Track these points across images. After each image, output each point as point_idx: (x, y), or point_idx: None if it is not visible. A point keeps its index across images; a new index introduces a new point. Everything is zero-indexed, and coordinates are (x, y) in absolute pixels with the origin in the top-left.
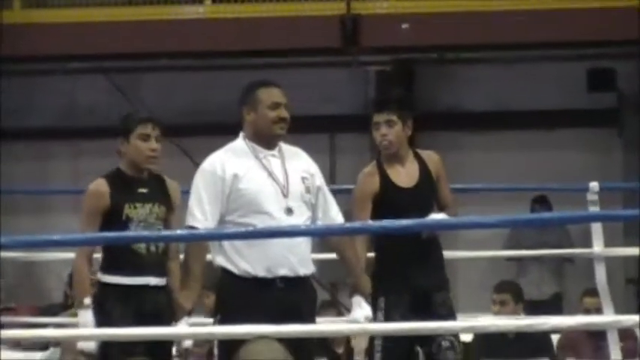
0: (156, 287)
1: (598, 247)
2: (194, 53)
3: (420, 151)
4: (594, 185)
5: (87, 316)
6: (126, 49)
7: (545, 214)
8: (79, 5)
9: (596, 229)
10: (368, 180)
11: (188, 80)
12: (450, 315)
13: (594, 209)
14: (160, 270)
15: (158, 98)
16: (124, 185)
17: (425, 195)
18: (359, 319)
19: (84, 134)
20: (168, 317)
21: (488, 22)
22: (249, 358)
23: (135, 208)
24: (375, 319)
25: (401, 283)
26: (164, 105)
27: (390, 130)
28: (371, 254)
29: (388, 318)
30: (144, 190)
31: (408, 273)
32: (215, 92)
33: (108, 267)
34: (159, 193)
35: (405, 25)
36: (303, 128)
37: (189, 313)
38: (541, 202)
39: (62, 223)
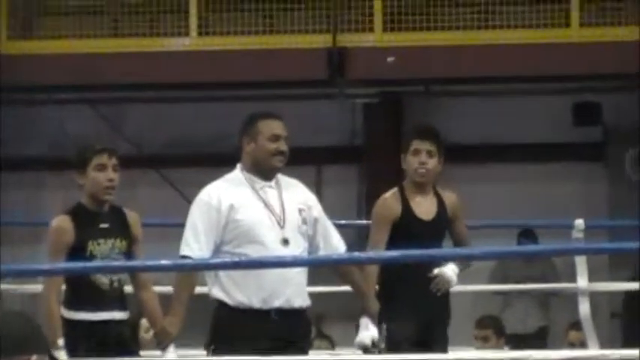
0: (120, 321)
1: (582, 282)
2: (180, 85)
3: (439, 190)
4: (580, 223)
5: (62, 356)
6: (112, 80)
7: (531, 247)
8: (65, 37)
9: (581, 263)
10: (390, 204)
11: (174, 111)
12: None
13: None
14: (122, 304)
15: (144, 129)
16: (86, 221)
17: (439, 230)
18: (365, 340)
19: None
20: (132, 349)
21: (475, 56)
22: None
23: (98, 244)
24: None
25: (405, 311)
26: (150, 136)
27: (430, 159)
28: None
29: (389, 346)
30: (105, 225)
31: (413, 302)
32: (201, 124)
33: (71, 303)
34: (120, 226)
35: (390, 58)
36: (289, 160)
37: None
38: (527, 235)
39: None
